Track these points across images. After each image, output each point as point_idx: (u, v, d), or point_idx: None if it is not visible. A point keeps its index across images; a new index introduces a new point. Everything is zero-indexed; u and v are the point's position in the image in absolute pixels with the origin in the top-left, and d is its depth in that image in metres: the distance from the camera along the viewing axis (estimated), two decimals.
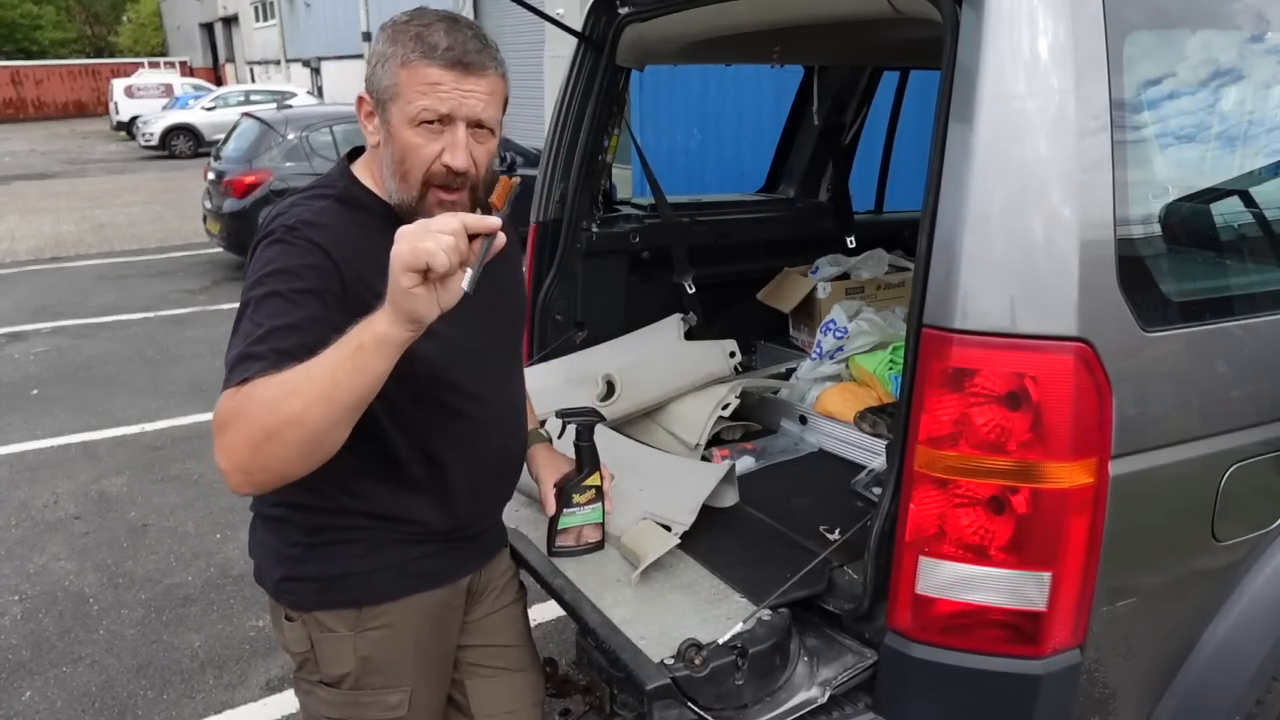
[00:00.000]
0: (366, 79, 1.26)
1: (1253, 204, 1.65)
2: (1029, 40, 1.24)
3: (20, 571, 3.46)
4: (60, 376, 5.76)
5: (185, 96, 22.42)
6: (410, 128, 1.20)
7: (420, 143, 1.21)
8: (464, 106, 1.20)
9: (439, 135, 1.21)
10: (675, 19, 2.11)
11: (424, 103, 1.19)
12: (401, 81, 1.20)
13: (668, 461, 2.10)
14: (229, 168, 8.07)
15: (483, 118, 1.22)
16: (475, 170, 1.24)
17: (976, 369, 1.25)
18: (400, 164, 1.22)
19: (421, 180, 1.22)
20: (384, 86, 1.22)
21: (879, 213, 3.77)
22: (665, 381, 2.30)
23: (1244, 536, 1.49)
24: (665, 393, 2.29)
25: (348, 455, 1.14)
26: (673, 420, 2.26)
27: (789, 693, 1.40)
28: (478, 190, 1.26)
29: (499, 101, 1.25)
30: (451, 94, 1.19)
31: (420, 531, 1.38)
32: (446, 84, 1.18)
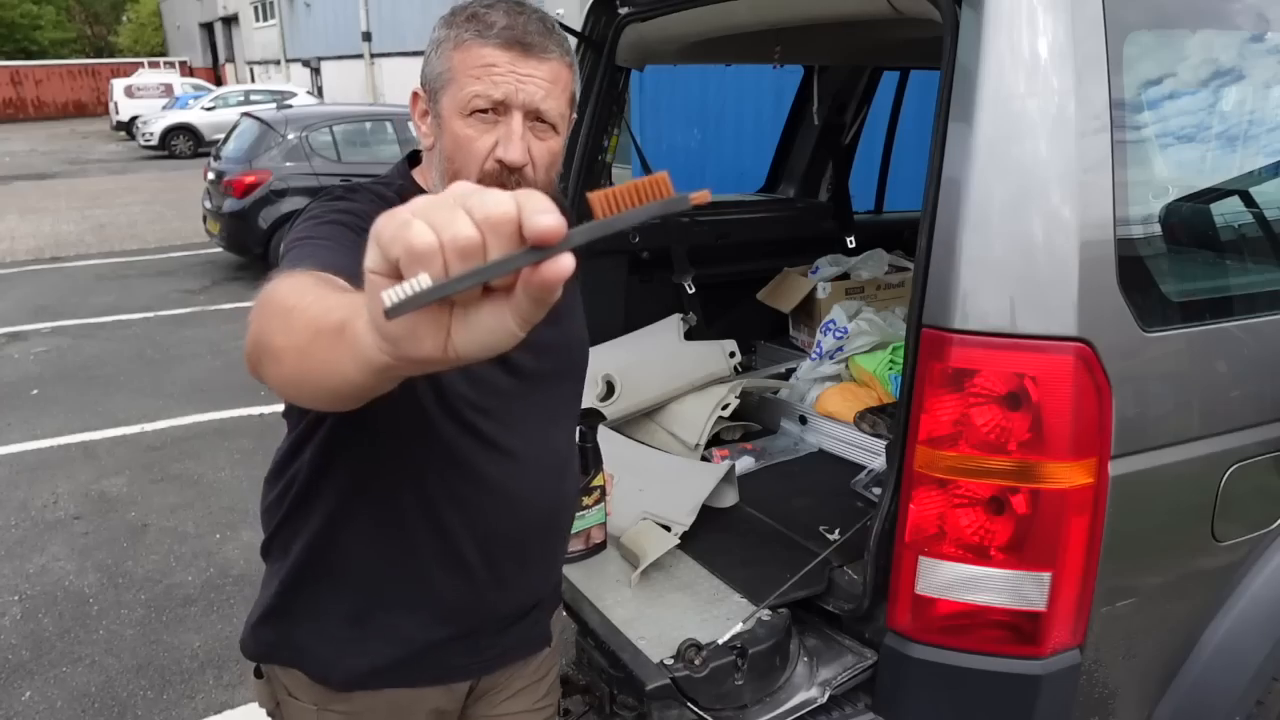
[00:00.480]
0: (421, 73, 1.12)
1: (1253, 204, 1.65)
2: (1029, 40, 1.24)
3: (20, 572, 3.46)
4: (60, 376, 5.76)
5: (185, 96, 22.41)
6: (461, 118, 1.05)
7: (473, 134, 1.05)
8: (521, 92, 1.04)
9: (493, 127, 1.05)
10: (675, 19, 2.11)
11: (476, 87, 1.03)
12: (454, 65, 1.05)
13: (667, 461, 2.10)
14: (229, 168, 8.07)
15: (542, 108, 1.05)
16: (533, 170, 1.07)
17: (976, 369, 1.25)
18: (451, 160, 1.06)
19: (476, 180, 1.03)
20: (437, 74, 1.08)
21: (879, 213, 3.77)
22: (665, 381, 2.30)
23: (1244, 537, 1.49)
24: (665, 393, 2.29)
25: (340, 498, 1.05)
26: (673, 420, 2.26)
27: (789, 693, 1.40)
28: None
29: (563, 93, 1.08)
30: (507, 77, 1.03)
31: (421, 612, 1.14)
32: (502, 66, 1.03)
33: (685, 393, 2.29)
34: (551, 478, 1.21)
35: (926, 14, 1.45)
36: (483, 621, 1.18)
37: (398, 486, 1.09)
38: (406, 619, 1.14)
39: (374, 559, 1.12)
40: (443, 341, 0.52)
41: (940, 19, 1.35)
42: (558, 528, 1.26)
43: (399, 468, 1.08)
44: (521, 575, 1.19)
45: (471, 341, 0.52)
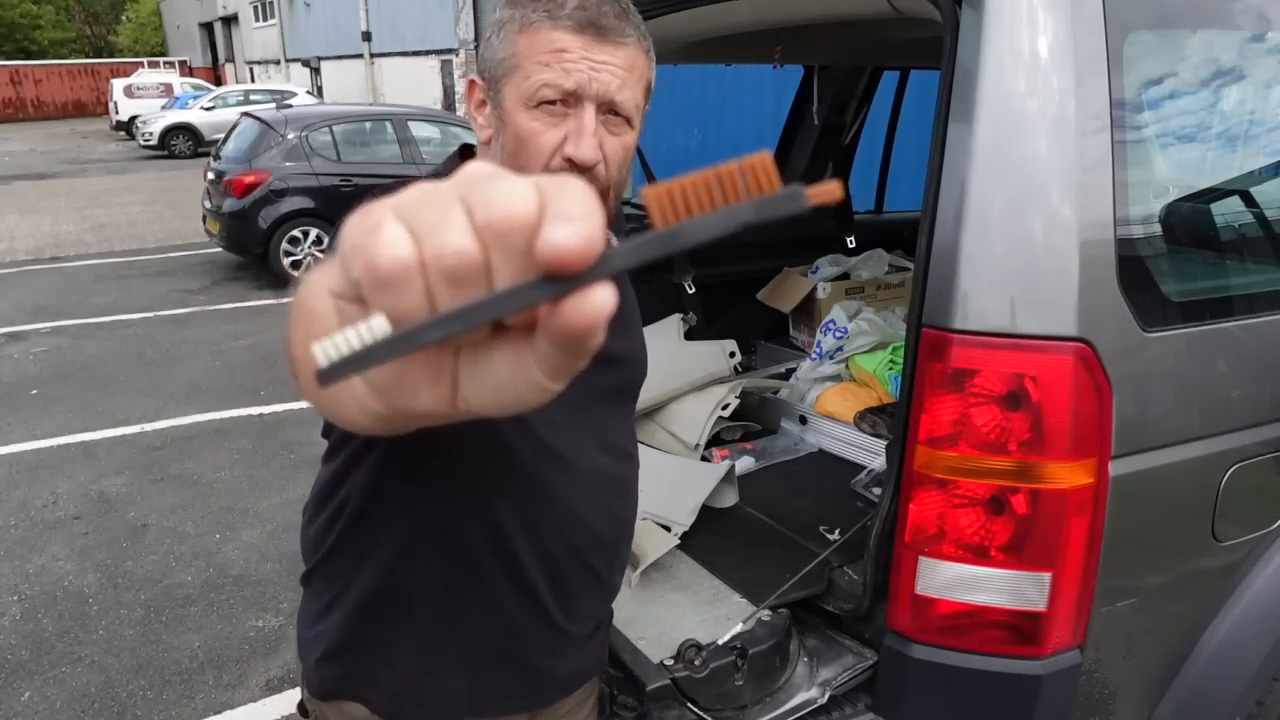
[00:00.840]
0: (479, 58, 1.01)
1: (1253, 204, 1.65)
2: (1029, 40, 1.24)
3: (19, 572, 3.45)
4: (59, 376, 5.76)
5: (185, 96, 22.41)
6: (526, 109, 0.94)
7: (539, 128, 0.93)
8: (595, 82, 0.92)
9: (562, 120, 0.93)
10: (675, 19, 2.11)
11: (545, 76, 0.92)
12: (520, 50, 0.94)
13: (667, 462, 2.10)
14: (228, 167, 8.07)
15: (617, 99, 0.94)
16: (606, 168, 0.96)
17: (976, 369, 1.24)
18: (514, 157, 0.95)
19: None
20: (498, 60, 0.96)
21: (879, 213, 3.77)
22: (665, 381, 2.30)
23: (1244, 537, 1.49)
24: (665, 393, 2.29)
25: (403, 529, 0.98)
26: (673, 420, 2.26)
27: (789, 693, 1.40)
28: (609, 196, 0.98)
29: (640, 83, 0.97)
30: (580, 64, 0.92)
31: (491, 640, 1.07)
32: (574, 51, 0.92)
33: (685, 393, 2.29)
34: (615, 495, 1.15)
35: (926, 14, 1.44)
36: (551, 645, 1.11)
37: (467, 513, 1.00)
38: (477, 647, 1.07)
39: (443, 590, 1.04)
40: (448, 393, 0.38)
41: (940, 19, 1.35)
42: (620, 547, 1.19)
43: (468, 492, 0.99)
44: (586, 597, 1.13)
45: (486, 397, 0.37)
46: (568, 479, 1.04)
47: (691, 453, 2.17)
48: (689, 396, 2.29)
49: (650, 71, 0.99)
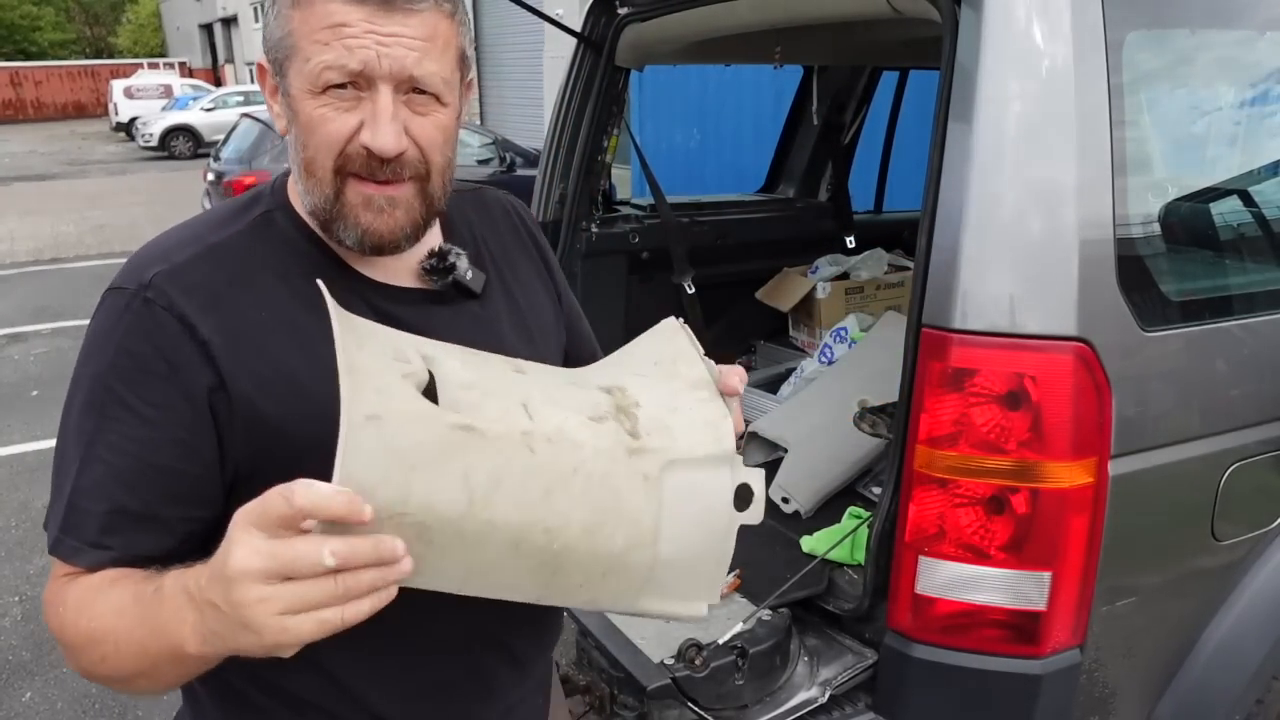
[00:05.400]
0: (263, 39, 0.87)
1: (1252, 204, 1.65)
2: (1028, 40, 1.24)
3: (20, 573, 3.46)
4: (60, 378, 5.75)
5: (184, 97, 22.41)
6: (312, 96, 0.80)
7: (328, 114, 0.81)
8: (385, 59, 0.79)
9: (355, 105, 0.81)
10: (675, 19, 2.11)
11: (326, 57, 0.78)
12: (296, 29, 0.80)
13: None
14: (228, 169, 8.07)
15: (416, 74, 0.80)
16: (420, 154, 0.84)
17: (976, 369, 1.25)
18: (305, 149, 0.83)
19: (333, 168, 0.82)
20: (277, 41, 0.83)
21: (878, 212, 3.77)
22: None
23: (1244, 536, 1.49)
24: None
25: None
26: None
27: (789, 693, 1.40)
28: (428, 183, 0.86)
29: (446, 52, 0.83)
30: (364, 40, 0.78)
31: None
32: (356, 25, 0.78)
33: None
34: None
35: (926, 14, 1.45)
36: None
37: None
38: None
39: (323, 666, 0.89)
40: (277, 632, 0.62)
41: (939, 19, 1.35)
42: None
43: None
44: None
45: (288, 631, 0.62)
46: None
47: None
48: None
49: (460, 38, 0.86)
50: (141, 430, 0.78)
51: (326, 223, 0.85)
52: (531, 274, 1.06)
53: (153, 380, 0.79)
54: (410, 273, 0.93)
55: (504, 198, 1.11)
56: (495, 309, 0.98)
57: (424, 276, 0.93)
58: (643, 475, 0.77)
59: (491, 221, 1.06)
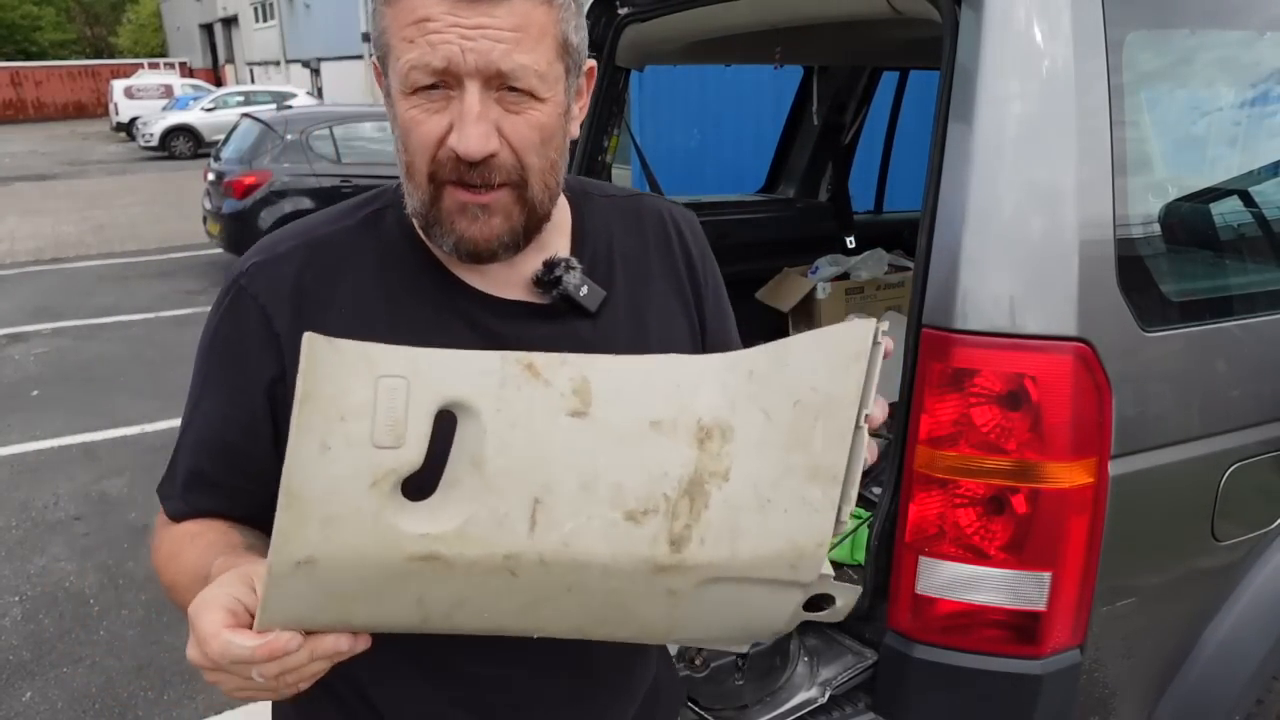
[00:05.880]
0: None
1: (1252, 204, 1.65)
2: (1028, 40, 1.24)
3: (21, 572, 3.46)
4: (61, 377, 5.76)
5: (185, 97, 22.42)
6: (405, 96, 0.78)
7: (418, 117, 0.77)
8: (470, 53, 0.73)
9: (446, 105, 0.77)
10: (675, 19, 2.11)
11: (411, 56, 0.75)
12: (388, 26, 0.78)
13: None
14: (229, 168, 8.06)
15: (505, 69, 0.74)
16: (515, 156, 0.78)
17: (976, 369, 1.25)
18: (403, 152, 0.81)
19: (428, 173, 0.79)
20: (375, 40, 0.81)
21: (878, 213, 3.77)
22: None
23: (1244, 536, 1.49)
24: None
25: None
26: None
27: (789, 693, 1.40)
28: (526, 189, 0.80)
29: (541, 42, 0.76)
30: (448, 34, 0.73)
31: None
32: (439, 19, 0.74)
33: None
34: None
35: (926, 14, 1.45)
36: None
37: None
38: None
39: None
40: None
41: (940, 19, 1.35)
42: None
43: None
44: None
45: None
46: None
47: None
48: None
49: (561, 24, 0.78)
50: (223, 406, 0.85)
51: (426, 227, 0.83)
52: (670, 296, 0.95)
53: (236, 363, 0.84)
54: (522, 284, 0.87)
55: (665, 209, 1.00)
56: (611, 330, 0.89)
57: (534, 289, 0.87)
58: (666, 591, 0.65)
59: (638, 234, 0.96)
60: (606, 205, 0.96)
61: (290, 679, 0.65)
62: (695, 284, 0.97)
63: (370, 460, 0.61)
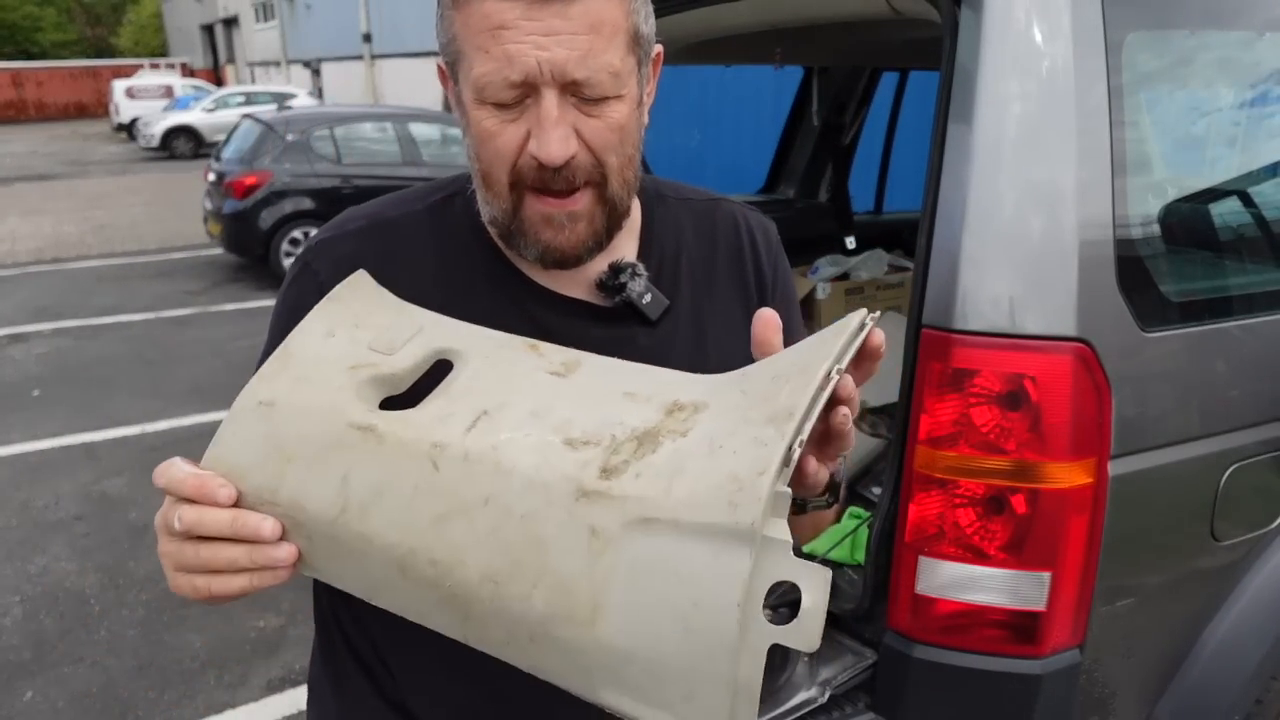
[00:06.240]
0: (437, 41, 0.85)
1: (1252, 204, 1.65)
2: (1028, 41, 1.25)
3: (21, 572, 3.46)
4: (61, 377, 5.76)
5: (186, 98, 22.44)
6: (480, 106, 0.77)
7: (494, 128, 0.77)
8: (546, 64, 0.73)
9: (520, 114, 0.76)
10: (676, 20, 2.12)
11: (488, 68, 0.74)
12: (459, 33, 0.76)
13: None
14: (229, 169, 8.07)
15: (579, 77, 0.74)
16: (593, 157, 0.78)
17: (976, 369, 1.25)
18: (479, 160, 0.80)
19: (508, 183, 0.79)
20: (444, 45, 0.80)
21: (878, 213, 3.78)
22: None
23: (1243, 536, 1.49)
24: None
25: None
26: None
27: (789, 692, 1.40)
28: (606, 187, 0.80)
29: (610, 41, 0.75)
30: (524, 44, 0.72)
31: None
32: (514, 28, 0.72)
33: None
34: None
35: (926, 15, 1.45)
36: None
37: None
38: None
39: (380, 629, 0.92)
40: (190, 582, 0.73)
41: (939, 20, 1.35)
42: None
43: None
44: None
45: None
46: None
47: None
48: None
49: (633, 15, 0.77)
50: None
51: (506, 235, 0.83)
52: (735, 304, 0.93)
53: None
54: (586, 284, 0.86)
55: (740, 214, 0.99)
56: (670, 337, 0.88)
57: (597, 290, 0.86)
58: (588, 528, 0.57)
59: (709, 240, 0.95)
60: (680, 208, 0.95)
61: (205, 553, 0.67)
62: (763, 295, 0.95)
63: (359, 354, 0.70)
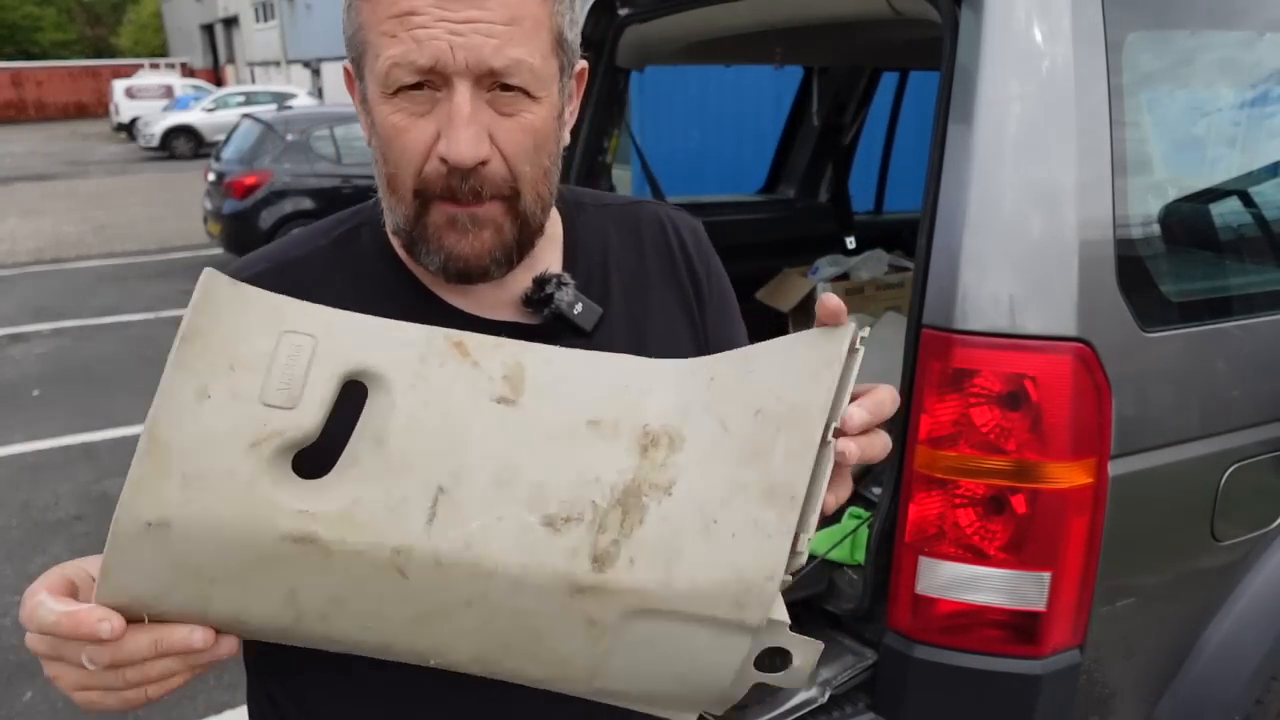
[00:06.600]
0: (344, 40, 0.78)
1: (1252, 204, 1.65)
2: (1028, 41, 1.25)
3: (21, 572, 3.46)
4: (61, 377, 5.76)
5: (186, 98, 22.43)
6: (385, 99, 0.70)
7: (400, 123, 0.70)
8: (459, 50, 0.66)
9: (431, 109, 0.69)
10: (676, 20, 2.12)
11: (394, 52, 0.67)
12: (365, 21, 0.70)
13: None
14: (229, 169, 8.07)
15: (498, 65, 0.67)
16: (506, 166, 0.71)
17: (976, 369, 1.25)
18: (385, 163, 0.73)
19: (413, 189, 0.72)
20: (349, 38, 0.74)
21: (878, 213, 3.78)
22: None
23: (1243, 536, 1.49)
24: None
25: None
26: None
27: (789, 693, 1.40)
28: (519, 200, 0.73)
29: (532, 36, 0.69)
30: (435, 29, 0.66)
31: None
32: (425, 13, 0.66)
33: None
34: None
35: (926, 15, 1.45)
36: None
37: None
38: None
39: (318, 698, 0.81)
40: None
41: (940, 20, 1.35)
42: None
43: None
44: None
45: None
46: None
47: None
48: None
49: (556, 16, 0.72)
50: None
51: (410, 245, 0.76)
52: (672, 308, 0.89)
53: None
54: (511, 304, 0.81)
55: (664, 215, 0.93)
56: (607, 346, 0.81)
57: (524, 309, 0.81)
58: (585, 619, 0.55)
59: (635, 243, 0.90)
60: (601, 215, 0.90)
61: (132, 675, 0.56)
62: (699, 293, 0.92)
63: (255, 418, 0.54)
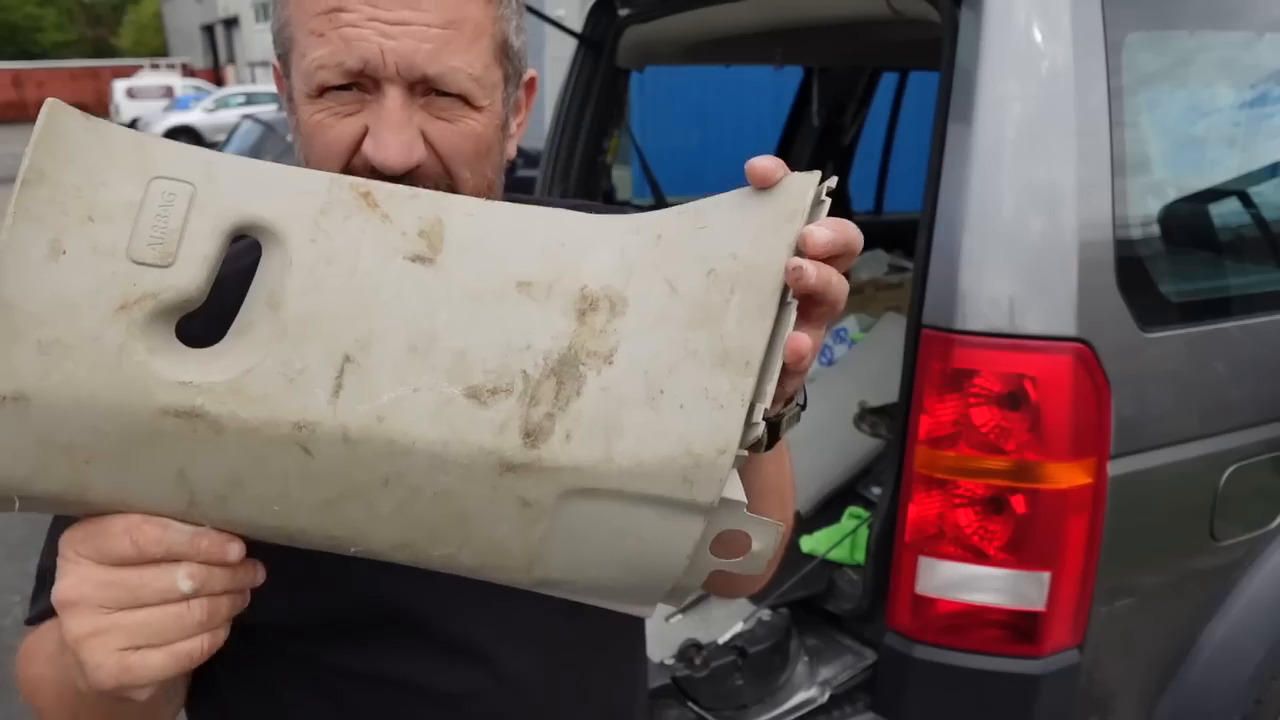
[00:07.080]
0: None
1: (1251, 204, 1.65)
2: (1028, 41, 1.25)
3: (21, 572, 3.46)
4: None
5: (186, 98, 22.45)
6: (309, 100, 0.65)
7: (324, 121, 0.65)
8: (390, 52, 0.62)
9: (360, 108, 0.64)
10: (676, 20, 2.12)
11: (320, 53, 0.63)
12: (292, 17, 0.66)
13: None
14: None
15: (431, 72, 0.63)
16: (442, 167, 0.66)
17: (976, 369, 1.25)
18: (305, 163, 0.68)
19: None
20: (276, 34, 0.69)
21: (878, 213, 3.78)
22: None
23: (1242, 536, 1.49)
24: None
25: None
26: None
27: (789, 692, 1.40)
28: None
29: (477, 42, 0.65)
30: (365, 29, 0.62)
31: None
32: (352, 9, 0.62)
33: None
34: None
35: (926, 15, 1.45)
36: None
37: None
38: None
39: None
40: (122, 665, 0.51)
41: (939, 20, 1.35)
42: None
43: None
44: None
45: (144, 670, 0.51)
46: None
47: None
48: None
49: (501, 22, 0.67)
50: None
51: None
52: None
53: None
54: None
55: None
56: None
57: None
58: (518, 500, 0.50)
59: None
60: None
61: (213, 608, 0.53)
62: None
63: (123, 277, 0.47)
